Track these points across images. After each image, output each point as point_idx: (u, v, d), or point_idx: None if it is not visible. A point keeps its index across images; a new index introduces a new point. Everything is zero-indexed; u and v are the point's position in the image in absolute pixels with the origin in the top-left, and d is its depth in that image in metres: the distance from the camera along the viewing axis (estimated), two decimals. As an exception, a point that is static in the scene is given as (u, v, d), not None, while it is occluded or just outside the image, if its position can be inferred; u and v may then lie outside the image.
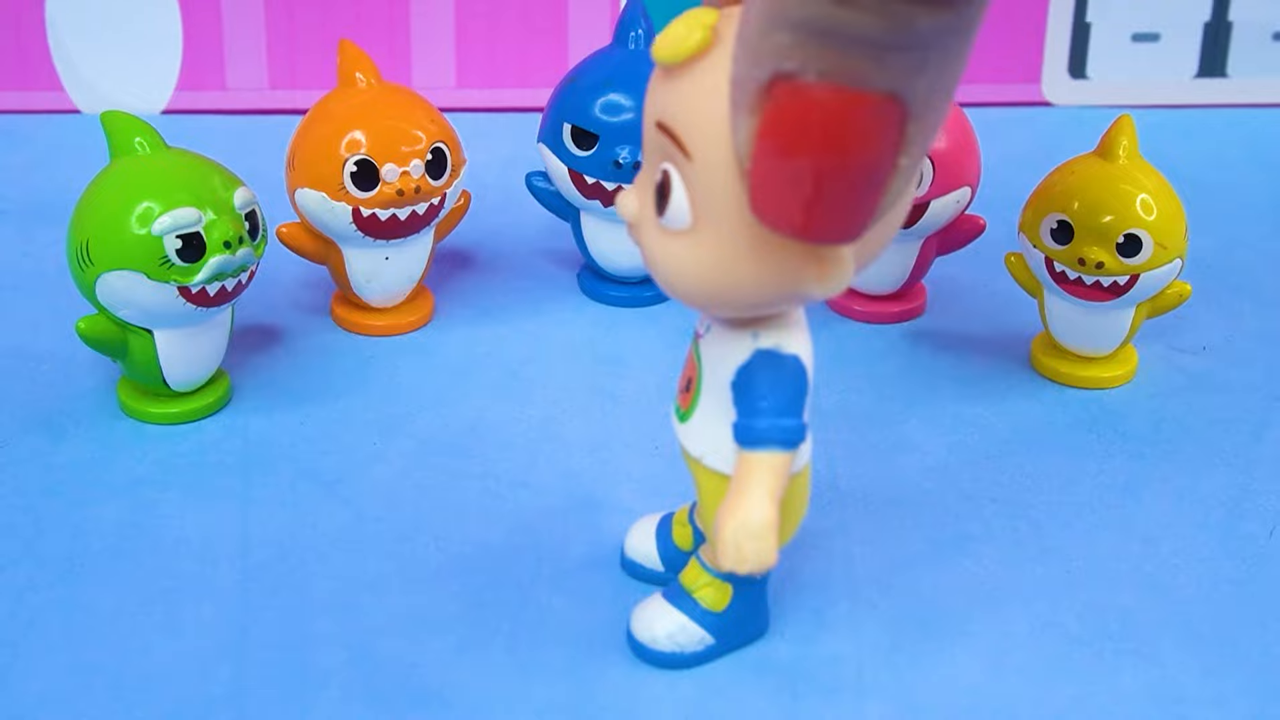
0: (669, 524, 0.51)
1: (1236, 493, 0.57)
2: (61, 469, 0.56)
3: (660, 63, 0.39)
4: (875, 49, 0.34)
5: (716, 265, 0.39)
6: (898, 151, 0.35)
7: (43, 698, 0.46)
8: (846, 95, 0.34)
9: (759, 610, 0.48)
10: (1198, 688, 0.47)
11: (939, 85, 0.35)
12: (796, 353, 0.42)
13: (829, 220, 0.36)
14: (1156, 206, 0.59)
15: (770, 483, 0.42)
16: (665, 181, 0.39)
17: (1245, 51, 0.90)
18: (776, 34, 0.34)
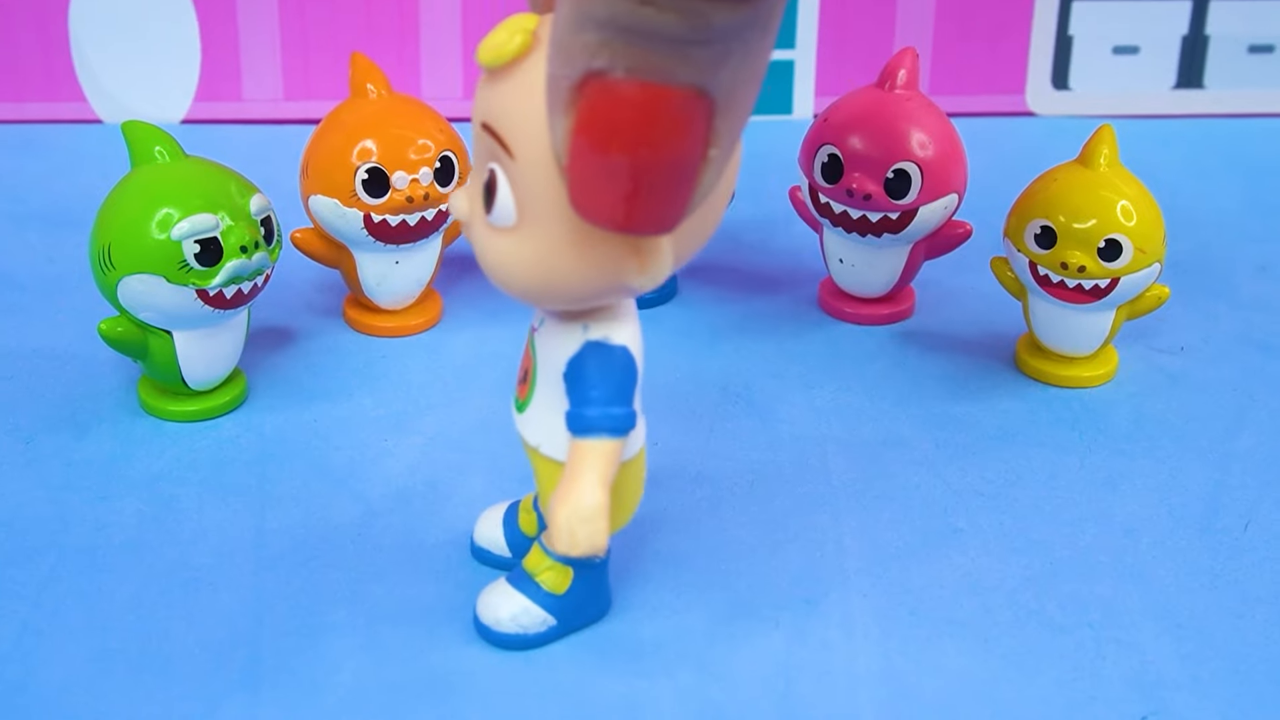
0: (515, 511, 0.51)
1: (1213, 487, 0.57)
2: (84, 464, 0.56)
3: (483, 66, 0.39)
4: (678, 45, 0.34)
5: (542, 260, 0.39)
6: (707, 143, 0.36)
7: (66, 683, 0.46)
8: (654, 90, 0.34)
9: (600, 592, 0.48)
10: (1176, 673, 0.47)
11: (743, 78, 0.35)
12: (625, 343, 0.43)
13: (645, 212, 0.36)
14: (1136, 213, 0.59)
15: (601, 469, 0.42)
16: (492, 180, 0.40)
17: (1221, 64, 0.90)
18: (584, 33, 0.34)
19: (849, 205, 0.64)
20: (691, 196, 0.37)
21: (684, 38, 0.34)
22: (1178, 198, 0.77)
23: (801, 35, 0.88)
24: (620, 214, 0.37)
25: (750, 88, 0.36)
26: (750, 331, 0.67)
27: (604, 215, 0.37)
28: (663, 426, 0.59)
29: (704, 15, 0.33)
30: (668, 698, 0.46)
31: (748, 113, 0.37)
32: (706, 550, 0.52)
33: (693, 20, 0.33)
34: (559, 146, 0.37)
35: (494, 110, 0.39)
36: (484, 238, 0.41)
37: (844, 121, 0.64)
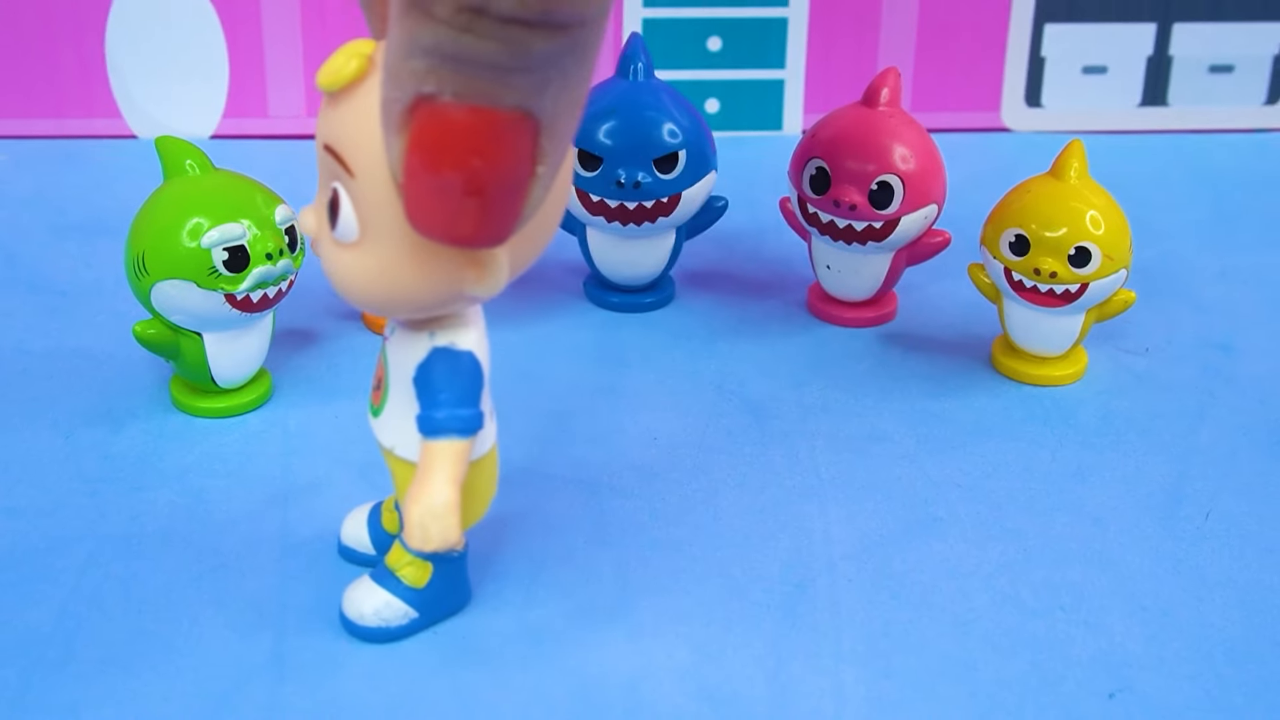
0: (379, 511, 0.50)
1: (1176, 479, 0.57)
2: (120, 458, 0.56)
3: (322, 90, 0.39)
4: (500, 71, 0.34)
5: (384, 272, 0.40)
6: (534, 162, 0.36)
7: (103, 662, 0.46)
8: (481, 114, 0.35)
9: (459, 585, 0.48)
10: (1141, 653, 0.47)
11: (565, 101, 0.36)
12: (470, 348, 0.43)
13: (477, 226, 0.37)
14: (1104, 222, 0.59)
15: (451, 468, 0.42)
16: (335, 199, 0.40)
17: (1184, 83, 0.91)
18: (412, 60, 0.35)
19: (836, 215, 0.64)
20: (522, 211, 0.37)
21: (505, 64, 0.34)
22: (1143, 208, 0.77)
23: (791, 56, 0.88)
24: (454, 228, 0.37)
25: (572, 111, 0.36)
26: (743, 334, 0.67)
27: (439, 230, 0.37)
28: (661, 423, 0.60)
29: (523, 43, 0.34)
30: (667, 675, 0.46)
31: (571, 134, 0.37)
32: (703, 538, 0.52)
33: (512, 48, 0.34)
34: (394, 166, 0.37)
35: (334, 132, 0.39)
36: (330, 253, 0.41)
37: (831, 137, 0.64)
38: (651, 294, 0.69)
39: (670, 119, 0.64)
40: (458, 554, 0.47)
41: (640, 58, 0.66)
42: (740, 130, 0.88)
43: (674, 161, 0.64)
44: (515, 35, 0.34)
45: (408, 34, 0.34)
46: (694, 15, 0.86)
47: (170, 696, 0.45)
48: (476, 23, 0.33)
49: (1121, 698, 0.46)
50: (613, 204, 0.65)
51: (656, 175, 0.64)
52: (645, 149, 0.64)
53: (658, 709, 0.45)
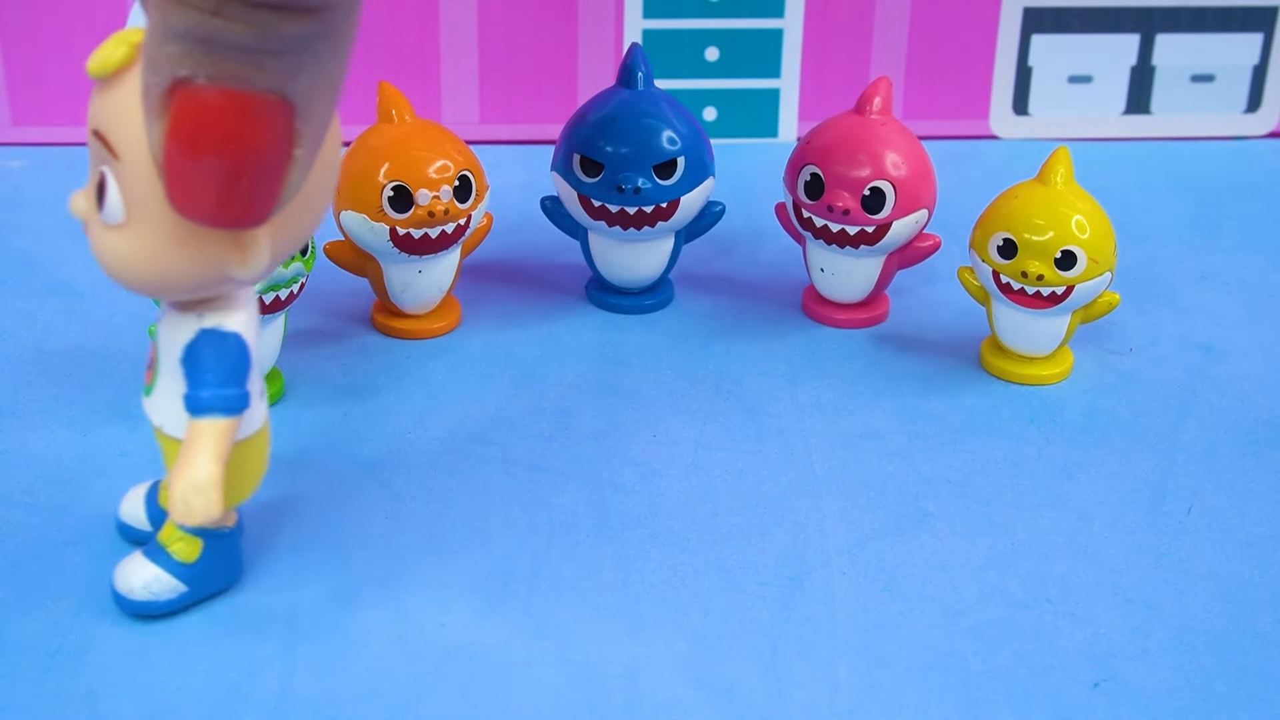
0: (156, 489, 0.50)
1: (1159, 475, 0.57)
2: (137, 454, 0.56)
3: (91, 76, 0.39)
4: (252, 55, 0.34)
5: (149, 254, 0.40)
6: (290, 144, 0.36)
7: (123, 650, 0.46)
8: (235, 97, 0.35)
9: (231, 560, 0.48)
10: (1125, 644, 0.47)
11: (319, 84, 0.35)
12: (238, 330, 0.43)
13: (236, 208, 0.37)
14: (1090, 226, 0.59)
15: (215, 445, 0.42)
16: (102, 182, 0.40)
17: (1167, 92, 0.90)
18: (168, 45, 0.35)
19: (829, 220, 0.64)
20: (280, 193, 0.37)
21: (256, 48, 0.34)
22: (1127, 213, 0.77)
23: (786, 65, 0.88)
24: (212, 210, 0.37)
25: (327, 95, 0.36)
26: (740, 334, 0.67)
27: (198, 212, 0.37)
28: (661, 420, 0.60)
29: (271, 27, 0.34)
30: (666, 665, 0.46)
31: (329, 117, 0.37)
32: (700, 532, 0.52)
33: (261, 31, 0.34)
34: (155, 149, 0.37)
35: (101, 117, 0.39)
36: (98, 235, 0.41)
37: (825, 144, 0.64)
38: (651, 296, 0.69)
39: (669, 127, 0.64)
40: (228, 530, 0.47)
41: (640, 67, 0.66)
42: (737, 138, 0.88)
43: (673, 168, 0.64)
44: (263, 19, 0.34)
45: (163, 19, 0.35)
46: (692, 26, 0.86)
47: (185, 688, 0.45)
48: (226, 6, 0.33)
49: (1106, 687, 0.46)
50: (614, 209, 0.64)
51: (656, 181, 0.64)
52: (645, 156, 0.64)
53: (657, 698, 0.45)
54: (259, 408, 0.45)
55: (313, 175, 0.39)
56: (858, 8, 0.87)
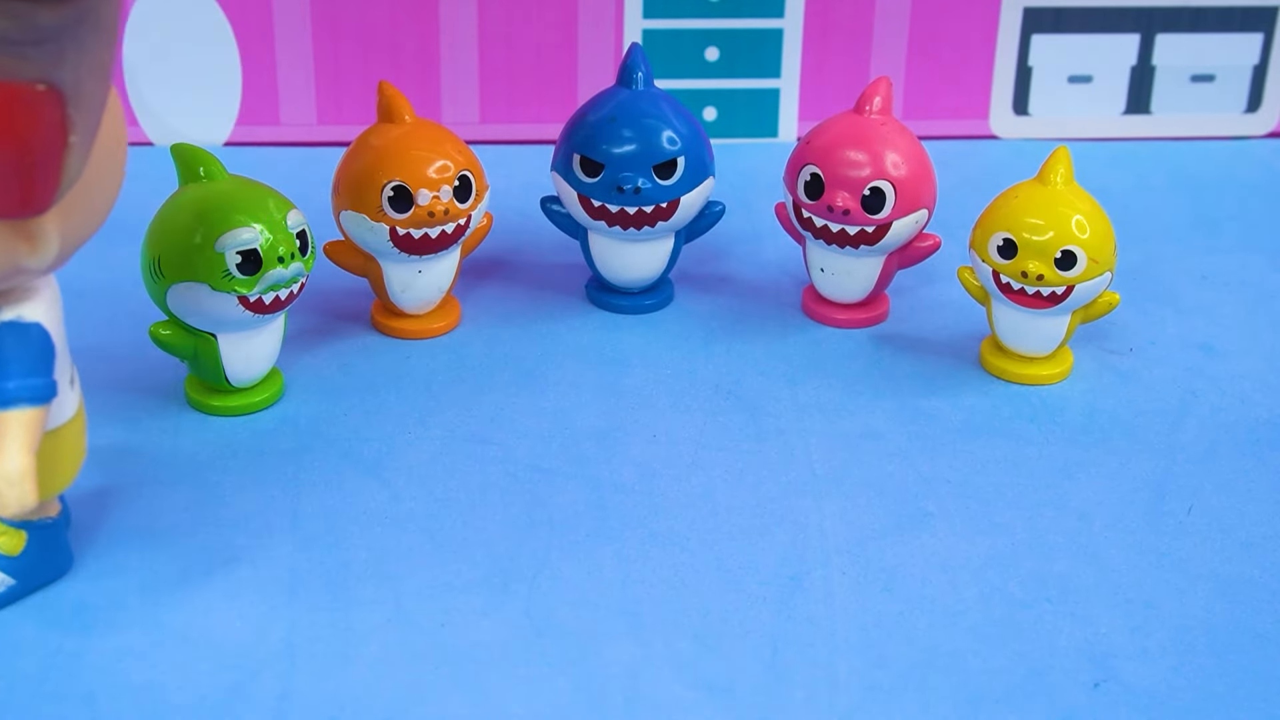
0: None
1: (1159, 475, 0.57)
2: (136, 454, 0.56)
3: None
4: (13, 45, 0.34)
5: None
6: (65, 132, 0.36)
7: (121, 652, 0.46)
8: (2, 89, 0.34)
9: (58, 551, 0.48)
10: (1125, 644, 0.47)
11: (87, 69, 0.35)
12: (39, 320, 0.43)
13: (13, 199, 0.36)
14: (1090, 226, 0.59)
15: (24, 436, 0.42)
16: None
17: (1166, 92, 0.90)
18: None
19: (829, 220, 0.64)
20: (60, 181, 0.37)
21: (16, 39, 0.34)
22: (1127, 213, 0.77)
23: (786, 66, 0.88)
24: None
25: (97, 78, 0.36)
26: (740, 334, 0.67)
27: None
28: (661, 420, 0.59)
29: (28, 17, 0.34)
30: (667, 665, 0.46)
31: (102, 103, 0.37)
32: (700, 532, 0.52)
33: (19, 22, 0.34)
34: None
35: None
36: None
37: (824, 144, 0.64)
38: (651, 296, 0.69)
39: (669, 127, 0.64)
40: (51, 520, 0.47)
41: (640, 67, 0.66)
42: (737, 138, 0.88)
43: (673, 168, 0.64)
44: (19, 9, 0.33)
45: None
46: (692, 26, 0.86)
47: (185, 687, 0.45)
48: None
49: (1106, 687, 0.46)
50: (614, 209, 0.64)
51: (656, 181, 0.64)
52: (645, 156, 0.63)
53: (657, 698, 0.45)
54: (70, 396, 0.45)
55: (95, 158, 0.39)
56: (858, 8, 0.87)
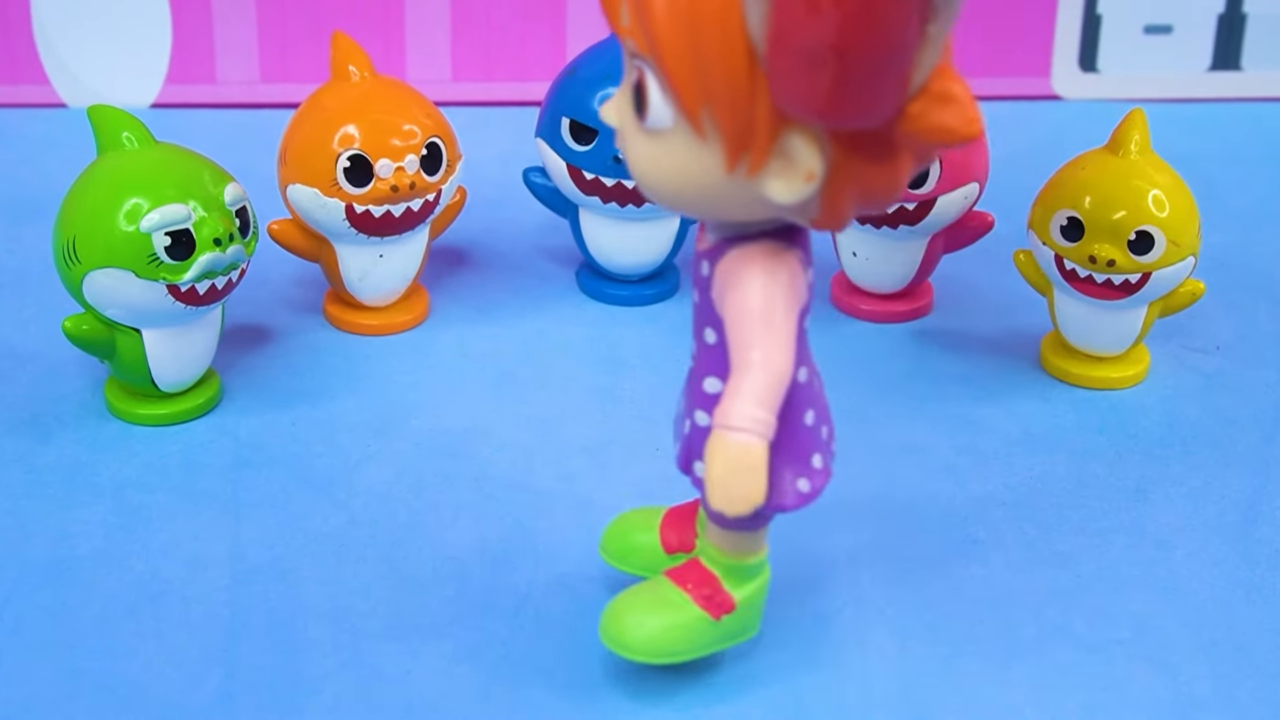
0: None
1: (1251, 495, 0.57)
2: (47, 471, 0.56)
3: None
4: None
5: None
6: (925, 18, 0.35)
7: (28, 703, 0.46)
8: None
9: None
10: (1210, 695, 0.47)
11: None
12: None
13: (856, 100, 0.35)
14: (1169, 203, 0.59)
15: None
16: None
17: (1260, 44, 0.91)
18: None
19: (863, 195, 0.64)
20: (908, 83, 0.36)
21: None
22: (1213, 187, 0.77)
23: (812, 14, 0.88)
24: (826, 103, 0.35)
25: None
26: (757, 330, 0.67)
27: (808, 106, 0.35)
28: (665, 431, 0.59)
29: None
30: (671, 715, 0.46)
31: None
32: (711, 563, 0.53)
33: None
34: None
35: None
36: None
37: (857, 106, 0.64)
38: (653, 285, 0.69)
39: (674, 85, 0.64)
40: None
41: (640, 16, 0.66)
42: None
43: (679, 134, 0.64)
44: None
45: None
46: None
47: (105, 743, 0.45)
48: None
49: (1188, 745, 0.46)
50: (609, 182, 0.65)
51: (659, 149, 0.64)
52: (646, 120, 0.64)
53: (660, 757, 0.45)
54: None
55: None
56: (896, -55, 0.87)
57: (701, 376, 0.43)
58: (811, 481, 0.44)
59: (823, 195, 0.38)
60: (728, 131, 0.37)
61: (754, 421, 0.40)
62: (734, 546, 0.45)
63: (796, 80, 0.35)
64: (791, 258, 0.41)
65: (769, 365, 0.40)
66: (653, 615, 0.45)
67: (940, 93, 0.37)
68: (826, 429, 0.45)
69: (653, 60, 0.37)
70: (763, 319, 0.40)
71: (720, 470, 0.40)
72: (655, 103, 0.38)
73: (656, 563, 0.49)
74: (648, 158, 0.39)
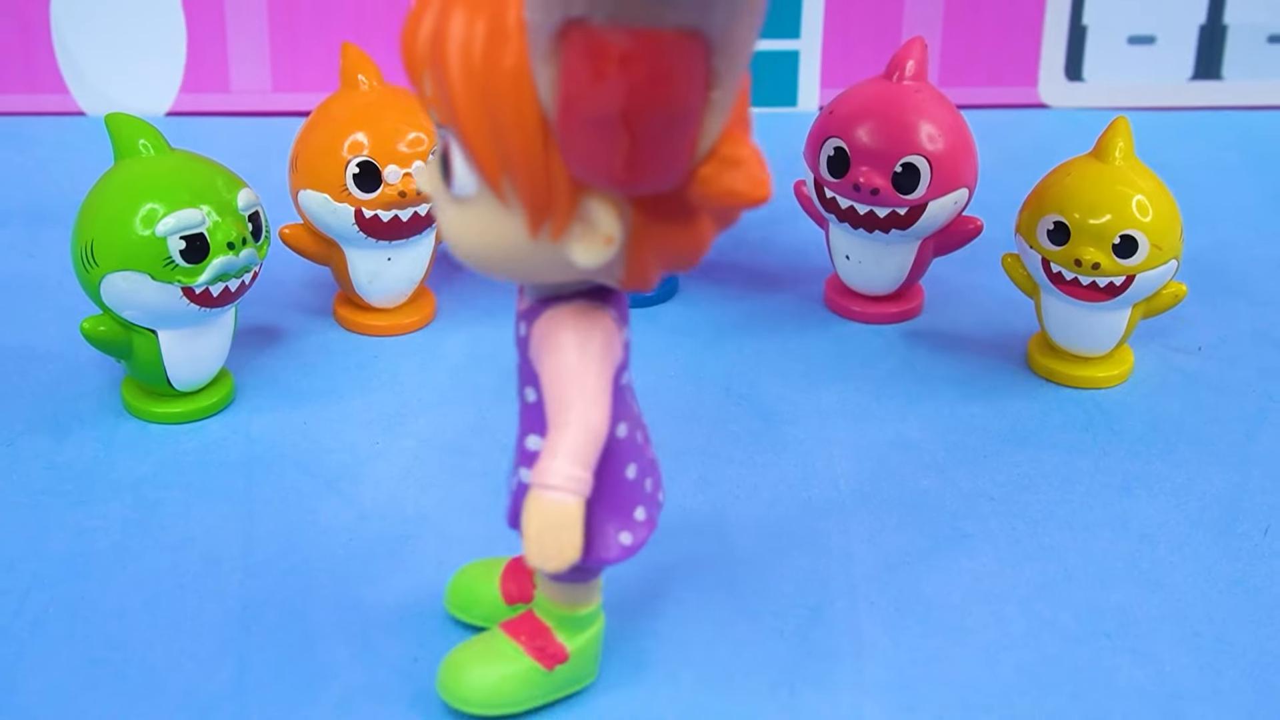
0: None
1: (1232, 491, 0.57)
2: (66, 468, 0.56)
3: None
4: None
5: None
6: (707, 86, 0.35)
7: (46, 694, 0.46)
8: (641, 36, 0.33)
9: None
10: (1194, 685, 0.47)
11: (737, 15, 0.34)
12: None
13: (643, 166, 0.35)
14: (1152, 208, 0.59)
15: None
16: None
17: (1240, 54, 0.90)
18: None
19: (856, 200, 0.64)
20: (694, 146, 0.36)
21: None
22: (1195, 192, 0.77)
23: (807, 25, 0.88)
24: (615, 170, 0.35)
25: (750, 20, 0.35)
26: (753, 330, 0.67)
27: (597, 171, 0.36)
28: (663, 428, 0.59)
29: None
30: (672, 707, 0.46)
31: (750, 51, 0.35)
32: (709, 556, 0.52)
33: None
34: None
35: None
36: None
37: (850, 114, 0.64)
38: (653, 287, 0.69)
39: (673, 94, 0.64)
40: None
41: (640, 26, 0.66)
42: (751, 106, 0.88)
43: (677, 141, 0.64)
44: None
45: None
46: (700, -20, 0.86)
47: (121, 732, 0.45)
48: None
49: (1172, 733, 0.46)
50: (610, 188, 0.64)
51: (658, 156, 0.64)
52: (646, 127, 0.63)
53: (660, 745, 0.45)
54: None
55: None
56: (888, -41, 0.87)
57: (524, 434, 0.43)
58: (634, 534, 0.43)
59: (626, 257, 0.38)
60: (527, 198, 0.37)
61: (569, 479, 0.39)
62: (566, 598, 0.45)
63: (585, 147, 0.35)
64: (604, 317, 0.41)
65: (584, 424, 0.40)
66: (487, 667, 0.45)
67: (728, 156, 0.37)
68: (651, 481, 0.44)
69: (454, 129, 0.37)
70: (576, 379, 0.40)
71: (536, 528, 0.40)
72: (460, 171, 0.38)
73: (497, 614, 0.48)
74: (458, 224, 0.39)
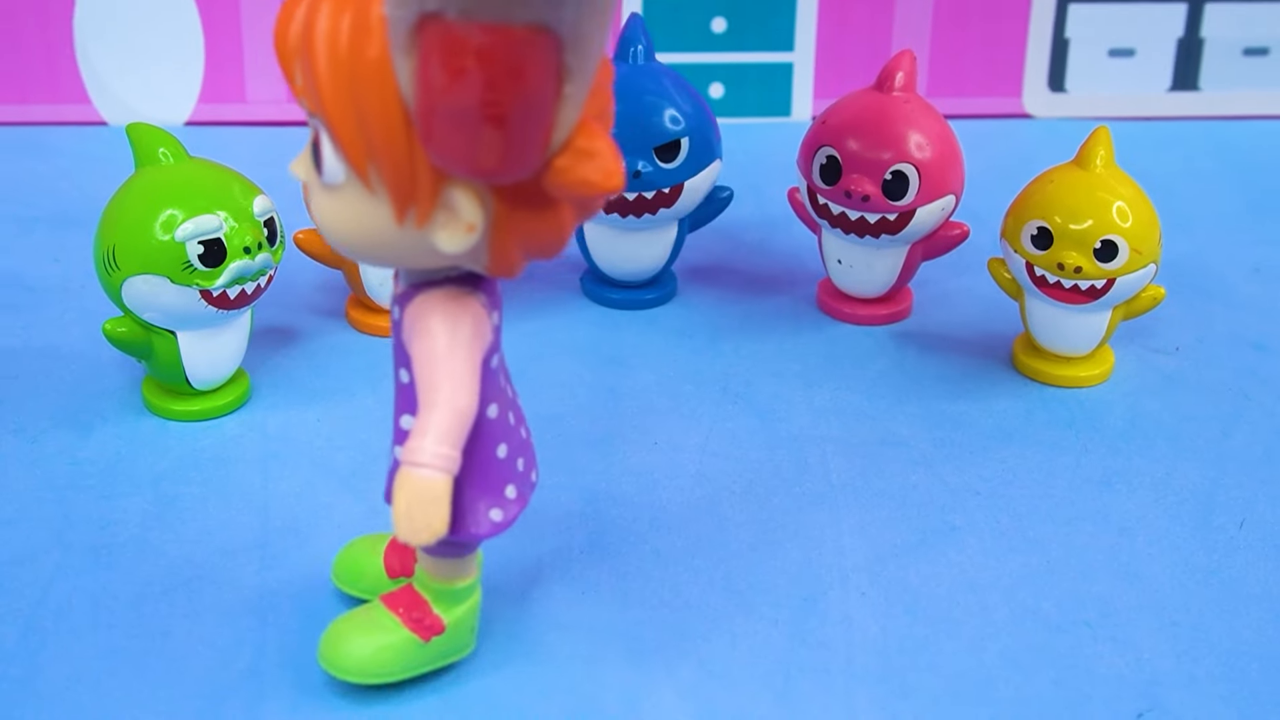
0: None
1: (1208, 486, 0.57)
2: (89, 463, 0.56)
3: None
4: None
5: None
6: (560, 81, 0.35)
7: (70, 679, 0.46)
8: (494, 31, 0.34)
9: None
10: (1171, 671, 0.47)
11: (586, 13, 0.34)
12: None
13: (494, 153, 0.35)
14: (1132, 214, 0.59)
15: None
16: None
17: (1216, 66, 0.91)
18: None
19: (847, 206, 0.64)
20: (548, 139, 0.36)
21: None
22: (1173, 199, 0.77)
23: (800, 38, 0.88)
24: (471, 159, 0.36)
25: (598, 19, 0.35)
26: (749, 331, 0.67)
27: (455, 160, 0.36)
28: (662, 425, 0.60)
29: None
30: (669, 695, 0.46)
31: (601, 44, 0.36)
32: (705, 549, 0.52)
33: None
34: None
35: None
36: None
37: (842, 123, 0.64)
38: (652, 290, 0.69)
39: (672, 104, 0.64)
40: None
41: (640, 40, 0.66)
42: (746, 117, 0.88)
43: (676, 150, 0.64)
44: None
45: None
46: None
47: (140, 718, 0.45)
48: None
49: (1150, 717, 0.46)
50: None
51: (657, 164, 0.64)
52: (645, 136, 0.64)
53: (659, 730, 0.45)
54: None
55: None
56: (878, -26, 0.87)
57: (398, 414, 0.43)
58: (505, 511, 0.43)
59: (490, 244, 0.38)
60: (392, 186, 0.37)
61: (437, 457, 0.40)
62: (443, 572, 0.45)
63: (443, 138, 0.35)
64: (474, 302, 0.41)
65: (452, 404, 0.40)
66: (365, 637, 0.45)
67: (582, 149, 0.37)
68: (523, 460, 0.44)
69: (322, 119, 0.37)
70: (445, 361, 0.40)
71: (405, 503, 0.40)
72: (329, 159, 0.38)
73: (381, 586, 0.48)
74: (328, 211, 0.39)
